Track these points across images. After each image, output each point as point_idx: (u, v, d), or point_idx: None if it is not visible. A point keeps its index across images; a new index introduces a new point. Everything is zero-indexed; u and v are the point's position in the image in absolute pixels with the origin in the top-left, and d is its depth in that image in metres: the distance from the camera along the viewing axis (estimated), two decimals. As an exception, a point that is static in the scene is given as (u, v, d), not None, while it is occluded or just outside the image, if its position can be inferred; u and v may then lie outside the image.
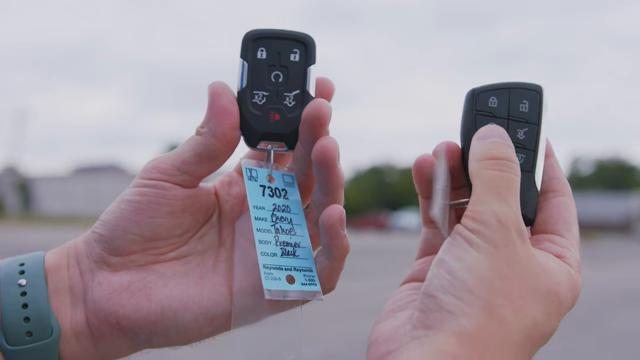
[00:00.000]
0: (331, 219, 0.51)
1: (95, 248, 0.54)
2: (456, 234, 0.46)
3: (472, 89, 0.54)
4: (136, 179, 0.55)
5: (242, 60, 0.54)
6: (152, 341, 0.54)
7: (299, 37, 0.55)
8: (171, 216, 0.54)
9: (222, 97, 0.53)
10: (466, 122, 0.53)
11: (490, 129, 0.51)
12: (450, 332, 0.43)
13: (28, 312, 0.52)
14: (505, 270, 0.45)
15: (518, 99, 0.53)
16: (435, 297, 0.44)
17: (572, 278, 0.48)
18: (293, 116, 0.54)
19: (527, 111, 0.52)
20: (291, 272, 0.53)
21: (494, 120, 0.52)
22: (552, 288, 0.46)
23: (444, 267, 0.45)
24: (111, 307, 0.53)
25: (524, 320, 0.44)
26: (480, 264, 0.44)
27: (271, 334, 0.54)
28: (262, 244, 0.52)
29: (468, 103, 0.53)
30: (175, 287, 0.54)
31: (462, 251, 0.45)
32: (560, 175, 0.54)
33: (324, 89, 0.56)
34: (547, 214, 0.52)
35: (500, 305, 0.44)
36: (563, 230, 0.51)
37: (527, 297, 0.45)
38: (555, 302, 0.47)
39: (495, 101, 0.53)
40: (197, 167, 0.54)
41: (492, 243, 0.45)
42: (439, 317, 0.43)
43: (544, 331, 0.46)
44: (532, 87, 0.53)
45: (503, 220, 0.46)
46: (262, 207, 0.54)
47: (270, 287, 0.51)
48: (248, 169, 0.55)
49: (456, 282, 0.44)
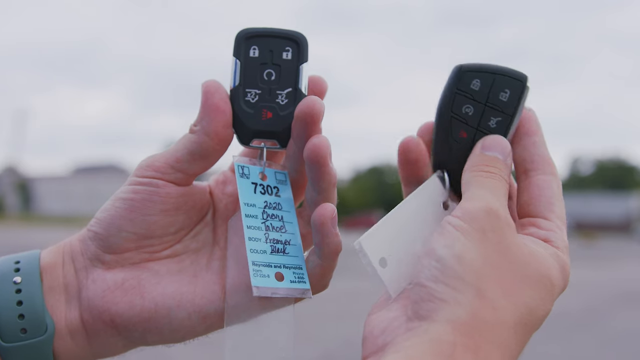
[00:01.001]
0: (322, 217, 0.51)
1: (90, 246, 0.54)
2: (445, 222, 0.46)
3: (459, 64, 0.53)
4: (131, 177, 0.55)
5: (235, 58, 0.55)
6: (146, 339, 0.54)
7: (291, 36, 0.55)
8: (165, 214, 0.54)
9: (214, 95, 0.53)
10: (444, 98, 0.53)
11: (496, 141, 0.52)
12: (445, 321, 0.43)
13: (23, 309, 0.52)
14: (494, 256, 0.45)
15: (500, 87, 0.52)
16: (427, 287, 0.44)
17: (560, 260, 0.48)
18: (285, 114, 0.54)
19: (506, 101, 0.52)
20: (280, 269, 0.53)
21: (472, 103, 0.53)
22: (543, 273, 0.47)
23: (433, 257, 0.45)
24: (105, 304, 0.53)
25: (516, 305, 0.44)
26: (469, 251, 0.44)
27: (264, 332, 0.54)
28: (251, 241, 0.53)
29: (452, 79, 0.53)
30: (168, 285, 0.54)
31: (451, 239, 0.45)
32: (542, 152, 0.52)
33: (317, 87, 0.56)
34: (528, 195, 0.52)
35: (492, 291, 0.44)
36: (546, 211, 0.51)
37: (517, 282, 0.45)
38: (548, 286, 0.47)
39: (478, 84, 0.53)
40: (190, 165, 0.54)
41: (480, 229, 0.45)
42: (432, 306, 0.43)
43: (539, 314, 0.46)
44: (518, 76, 0.53)
45: (493, 209, 0.46)
46: (253, 204, 0.54)
47: (259, 284, 0.51)
48: (240, 166, 0.55)
49: (447, 270, 0.44)
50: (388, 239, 0.50)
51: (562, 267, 0.49)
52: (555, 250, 0.49)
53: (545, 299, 0.46)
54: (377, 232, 0.50)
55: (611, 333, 6.04)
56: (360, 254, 0.49)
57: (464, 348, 0.42)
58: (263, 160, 0.56)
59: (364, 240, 0.49)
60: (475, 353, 0.42)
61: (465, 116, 0.53)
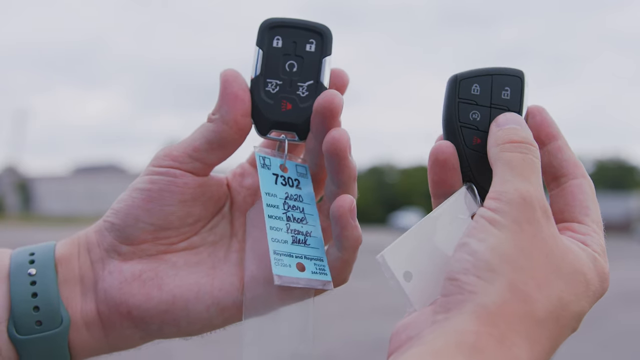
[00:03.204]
0: (341, 209, 0.51)
1: (107, 237, 0.54)
2: (479, 216, 0.45)
3: (454, 75, 0.53)
4: (148, 167, 0.55)
5: (258, 48, 0.54)
6: (163, 331, 0.54)
7: (316, 28, 0.55)
8: (182, 204, 0.54)
9: (233, 84, 0.53)
10: (449, 109, 0.52)
11: (507, 117, 0.51)
12: (470, 312, 0.41)
13: (37, 301, 0.52)
14: (530, 249, 0.44)
15: (500, 86, 0.52)
16: (458, 280, 0.43)
17: (597, 263, 0.47)
18: (305, 106, 0.54)
19: (509, 98, 0.52)
20: (302, 260, 0.52)
21: (477, 108, 0.52)
22: (578, 268, 0.45)
23: (466, 250, 0.44)
24: (122, 296, 0.53)
25: (549, 298, 0.43)
26: (504, 243, 0.43)
27: (282, 325, 0.54)
28: (273, 230, 0.52)
29: (450, 90, 0.53)
30: (186, 277, 0.54)
31: (485, 232, 0.44)
32: (569, 155, 0.51)
33: (339, 81, 0.56)
34: (562, 202, 0.50)
35: (524, 283, 0.43)
36: (581, 215, 0.49)
37: (551, 275, 0.44)
38: (583, 283, 0.45)
39: (477, 88, 0.52)
40: (208, 154, 0.54)
41: (515, 221, 0.44)
42: (461, 298, 0.42)
43: (573, 311, 0.44)
44: (514, 72, 0.53)
45: (527, 198, 0.45)
46: (275, 194, 0.54)
47: (280, 273, 0.50)
48: (261, 156, 0.55)
49: (479, 262, 0.43)
50: (413, 252, 0.49)
51: (600, 270, 0.47)
52: (593, 252, 0.47)
53: (580, 296, 0.45)
54: (401, 246, 0.49)
55: (611, 333, 6.04)
56: (383, 267, 0.48)
57: (487, 336, 0.40)
58: (285, 152, 0.55)
59: (387, 254, 0.48)
60: (500, 342, 0.41)
61: (474, 122, 0.52)
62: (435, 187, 0.52)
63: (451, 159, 0.50)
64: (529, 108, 0.52)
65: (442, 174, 0.51)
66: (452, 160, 0.51)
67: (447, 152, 0.50)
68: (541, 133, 0.51)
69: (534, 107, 0.52)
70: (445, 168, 0.51)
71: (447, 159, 0.50)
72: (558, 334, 0.44)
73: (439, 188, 0.51)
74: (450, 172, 0.51)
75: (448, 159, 0.50)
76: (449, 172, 0.51)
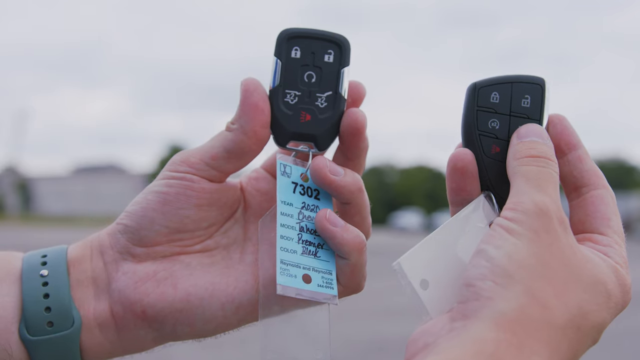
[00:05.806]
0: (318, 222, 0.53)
1: (120, 239, 0.55)
2: (496, 225, 0.45)
3: (473, 83, 0.53)
4: (163, 171, 0.55)
5: (276, 58, 0.54)
6: (177, 331, 0.54)
7: (334, 38, 0.55)
8: (198, 209, 0.54)
9: (254, 95, 0.53)
10: (467, 118, 0.52)
11: (529, 128, 0.50)
12: (488, 319, 0.41)
13: (49, 302, 0.52)
14: (547, 257, 0.43)
15: (520, 94, 0.52)
16: (474, 286, 0.43)
17: (619, 274, 0.46)
18: (324, 117, 0.54)
19: (529, 106, 0.52)
20: (309, 271, 0.53)
21: (496, 117, 0.52)
22: (598, 277, 0.45)
23: (482, 256, 0.44)
24: (137, 295, 0.53)
25: (568, 306, 0.43)
26: (521, 250, 0.43)
27: (299, 330, 0.54)
28: (283, 239, 0.53)
29: (470, 98, 0.52)
30: (201, 276, 0.54)
31: (502, 240, 0.44)
32: (590, 166, 0.51)
33: (356, 93, 0.56)
34: (583, 212, 0.50)
35: (542, 290, 0.42)
36: (602, 227, 0.49)
37: (570, 284, 0.43)
38: (604, 292, 0.45)
39: (497, 96, 0.52)
40: (225, 163, 0.54)
41: (532, 230, 0.44)
42: (477, 305, 0.42)
43: (594, 321, 0.44)
44: (535, 80, 0.52)
45: (543, 208, 0.45)
46: (290, 203, 0.54)
47: (284, 283, 0.51)
48: (282, 164, 0.55)
49: (496, 268, 0.43)
50: (429, 260, 0.48)
51: (622, 282, 0.46)
52: (614, 264, 0.47)
53: (601, 306, 0.44)
54: (418, 253, 0.48)
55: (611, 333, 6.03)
56: (399, 274, 0.47)
57: (507, 344, 0.40)
58: (309, 161, 0.55)
59: (403, 261, 0.48)
60: (519, 350, 0.40)
61: (493, 131, 0.52)
62: (453, 195, 0.52)
63: (470, 167, 0.51)
64: (549, 117, 0.52)
65: (461, 182, 0.51)
66: (470, 168, 0.51)
67: (466, 159, 0.50)
68: (561, 142, 0.51)
69: (554, 115, 0.52)
70: (464, 176, 0.51)
71: (465, 167, 0.50)
72: (579, 343, 0.44)
73: (457, 195, 0.51)
74: (469, 180, 0.51)
75: (466, 166, 0.50)
76: (467, 179, 0.51)
